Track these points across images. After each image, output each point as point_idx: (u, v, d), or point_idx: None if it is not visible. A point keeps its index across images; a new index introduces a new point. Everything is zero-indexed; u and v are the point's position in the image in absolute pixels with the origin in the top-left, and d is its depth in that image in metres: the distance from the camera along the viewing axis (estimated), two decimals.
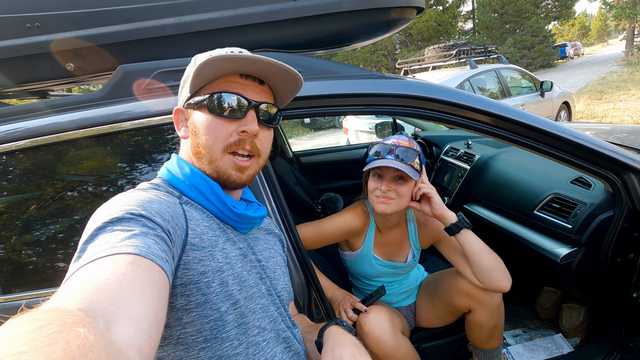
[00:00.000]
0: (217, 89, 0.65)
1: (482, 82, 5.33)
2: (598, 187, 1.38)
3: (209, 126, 0.65)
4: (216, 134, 0.65)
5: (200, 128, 0.66)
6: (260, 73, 0.68)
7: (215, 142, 0.65)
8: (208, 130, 0.65)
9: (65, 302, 0.36)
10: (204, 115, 0.65)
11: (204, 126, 0.65)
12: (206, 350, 0.61)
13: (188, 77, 0.68)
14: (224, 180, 0.67)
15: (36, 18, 1.05)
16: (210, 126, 0.65)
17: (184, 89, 0.70)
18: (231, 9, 1.09)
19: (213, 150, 0.65)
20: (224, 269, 0.63)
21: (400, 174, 1.17)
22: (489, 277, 1.17)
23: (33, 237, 1.03)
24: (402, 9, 1.23)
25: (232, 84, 0.66)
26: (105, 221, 0.49)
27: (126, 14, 1.07)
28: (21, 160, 1.04)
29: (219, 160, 0.66)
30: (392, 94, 1.11)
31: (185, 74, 0.70)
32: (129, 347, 0.34)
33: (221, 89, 0.65)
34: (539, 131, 1.14)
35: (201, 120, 0.66)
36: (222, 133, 0.65)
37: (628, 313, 1.38)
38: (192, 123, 0.67)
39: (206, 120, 0.65)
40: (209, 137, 0.65)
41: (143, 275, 0.42)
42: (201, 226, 0.63)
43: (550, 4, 21.68)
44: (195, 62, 0.67)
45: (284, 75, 0.68)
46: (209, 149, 0.65)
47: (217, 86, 0.66)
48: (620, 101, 8.64)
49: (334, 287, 1.30)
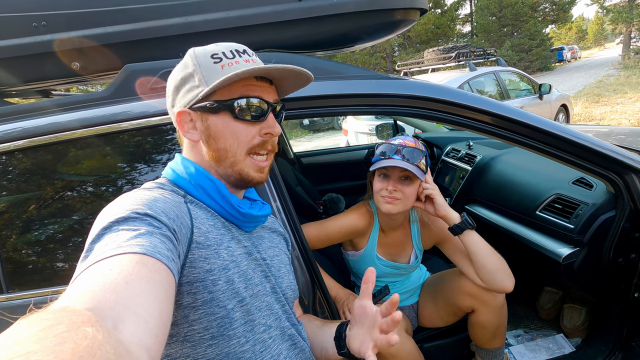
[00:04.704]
0: (237, 94, 0.64)
1: (481, 84, 5.35)
2: (600, 188, 1.39)
3: (233, 130, 0.65)
4: (240, 138, 0.65)
5: (222, 132, 0.65)
6: (272, 75, 0.69)
7: (240, 145, 0.66)
8: (232, 135, 0.65)
9: (73, 302, 0.36)
10: (226, 119, 0.65)
11: (227, 131, 0.65)
12: (213, 347, 0.61)
13: (190, 78, 0.64)
14: (247, 182, 0.69)
15: (42, 17, 1.06)
16: (234, 130, 0.65)
17: (187, 90, 0.65)
18: (237, 9, 1.10)
19: (237, 153, 0.66)
20: (230, 266, 0.64)
21: (407, 174, 1.17)
22: (492, 277, 1.17)
23: (34, 236, 1.03)
24: (406, 11, 1.24)
25: (252, 88, 0.65)
26: (112, 221, 0.49)
27: (132, 14, 1.07)
28: (31, 159, 1.04)
29: (241, 162, 0.67)
30: (394, 94, 1.12)
31: (184, 73, 0.65)
32: (136, 346, 0.35)
33: (242, 93, 0.64)
34: (541, 131, 1.15)
35: (222, 124, 0.65)
36: (246, 137, 0.66)
37: (629, 313, 1.39)
38: (209, 128, 0.65)
39: (229, 124, 0.65)
40: (233, 141, 0.65)
41: (149, 274, 0.43)
42: (206, 225, 0.64)
43: (547, 8, 21.81)
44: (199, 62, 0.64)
45: (296, 76, 0.69)
46: (233, 153, 0.66)
47: (235, 90, 0.64)
48: (618, 104, 8.70)
49: (337, 287, 1.30)
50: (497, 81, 5.57)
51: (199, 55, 0.65)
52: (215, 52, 0.64)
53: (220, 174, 0.68)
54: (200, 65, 0.64)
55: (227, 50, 0.65)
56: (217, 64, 0.64)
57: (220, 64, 0.64)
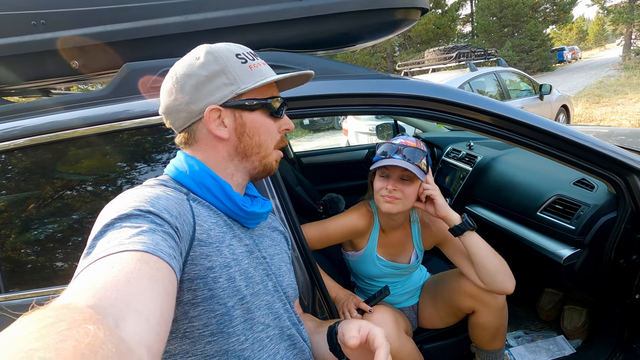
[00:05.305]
0: (268, 94, 0.71)
1: (481, 84, 5.35)
2: (601, 189, 1.38)
3: (267, 127, 0.71)
4: (272, 134, 0.72)
5: (258, 129, 0.70)
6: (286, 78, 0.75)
7: (272, 140, 0.73)
8: (266, 131, 0.71)
9: (74, 300, 0.36)
10: (261, 117, 0.70)
11: (263, 127, 0.71)
12: (212, 344, 0.62)
13: (219, 75, 0.65)
14: (268, 172, 0.75)
15: (42, 15, 1.05)
16: (267, 127, 0.71)
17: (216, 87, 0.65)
18: (237, 8, 1.09)
19: (269, 148, 0.73)
20: (231, 264, 0.64)
21: (407, 174, 1.17)
22: (492, 279, 1.17)
23: (33, 235, 1.03)
24: (407, 10, 1.24)
25: (273, 88, 0.73)
26: (114, 218, 0.49)
27: (132, 12, 1.07)
28: (31, 157, 1.03)
29: (269, 156, 0.73)
30: (395, 94, 1.11)
31: (208, 70, 0.65)
32: (138, 344, 0.35)
33: (271, 93, 0.72)
34: (542, 132, 1.14)
35: (258, 121, 0.70)
36: (274, 132, 0.73)
37: (630, 314, 1.38)
38: (244, 124, 0.69)
39: (264, 122, 0.71)
40: (267, 137, 0.72)
41: (151, 272, 0.43)
42: (208, 222, 0.64)
43: (548, 8, 21.80)
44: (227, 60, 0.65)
45: (300, 79, 0.76)
46: (266, 147, 0.72)
47: (265, 91, 0.71)
48: (618, 105, 8.69)
49: (337, 287, 1.29)
50: (498, 81, 5.57)
51: (223, 53, 0.66)
52: (237, 52, 0.68)
53: (240, 167, 0.72)
54: (229, 64, 0.66)
55: (243, 51, 0.69)
56: (245, 65, 0.67)
57: (247, 64, 0.68)
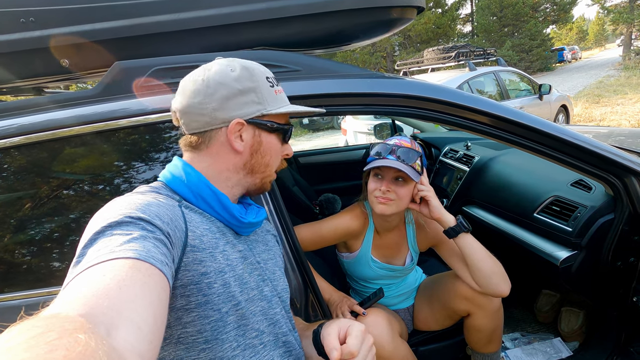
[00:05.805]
0: (284, 120, 0.75)
1: (480, 84, 5.33)
2: (598, 190, 1.37)
3: (277, 150, 0.75)
4: (278, 157, 0.76)
5: (269, 150, 0.73)
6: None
7: (276, 163, 0.76)
8: (275, 153, 0.75)
9: (65, 308, 0.36)
10: (275, 139, 0.74)
11: (274, 149, 0.74)
12: (207, 351, 0.61)
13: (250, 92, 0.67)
14: (263, 191, 0.77)
15: (31, 13, 1.03)
16: (277, 150, 0.75)
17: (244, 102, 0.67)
18: (230, 6, 1.07)
19: (272, 169, 0.76)
20: (226, 270, 0.64)
21: (401, 175, 1.15)
22: (487, 281, 1.15)
23: (27, 236, 1.01)
24: (403, 9, 1.22)
25: (287, 116, 0.76)
26: (104, 225, 0.48)
27: (122, 10, 1.05)
28: (15, 158, 1.02)
29: (270, 176, 0.76)
30: (392, 93, 1.10)
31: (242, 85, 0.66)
32: (130, 353, 0.34)
33: (287, 121, 0.76)
34: (540, 132, 1.13)
35: (272, 143, 0.73)
36: (279, 156, 0.77)
37: (628, 317, 1.37)
38: (261, 143, 0.71)
39: (276, 145, 0.74)
40: (275, 159, 0.75)
41: (143, 279, 0.42)
42: (200, 228, 0.63)
43: (548, 8, 21.76)
44: (259, 81, 0.68)
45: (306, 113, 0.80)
46: (271, 168, 0.75)
47: (282, 117, 0.74)
48: (618, 105, 8.68)
49: (331, 289, 1.28)
50: (497, 81, 5.55)
51: (256, 73, 0.69)
52: (267, 75, 0.71)
53: (243, 182, 0.73)
54: (260, 85, 0.69)
55: (270, 75, 0.72)
56: (272, 88, 0.71)
57: (274, 89, 0.71)
